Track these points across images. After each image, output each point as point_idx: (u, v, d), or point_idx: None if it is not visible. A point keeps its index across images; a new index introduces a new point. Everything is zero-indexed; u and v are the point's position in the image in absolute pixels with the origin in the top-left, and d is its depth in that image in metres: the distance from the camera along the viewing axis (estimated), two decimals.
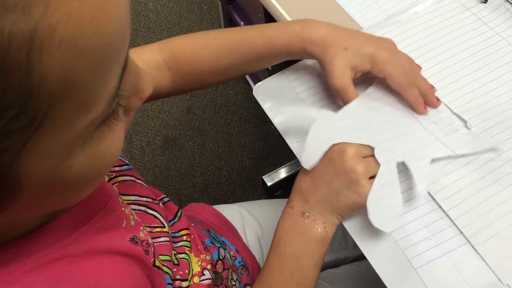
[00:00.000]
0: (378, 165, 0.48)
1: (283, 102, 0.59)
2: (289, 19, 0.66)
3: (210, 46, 0.55)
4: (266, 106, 0.59)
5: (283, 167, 1.31)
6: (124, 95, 0.29)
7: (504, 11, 0.61)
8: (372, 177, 0.48)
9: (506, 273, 0.45)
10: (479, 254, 0.46)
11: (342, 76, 0.51)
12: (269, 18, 0.99)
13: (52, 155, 0.25)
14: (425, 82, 0.53)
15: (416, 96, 0.52)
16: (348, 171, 0.46)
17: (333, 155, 0.47)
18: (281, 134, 0.57)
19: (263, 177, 1.30)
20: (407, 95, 0.52)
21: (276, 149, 1.41)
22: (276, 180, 1.30)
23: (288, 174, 1.31)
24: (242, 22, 1.20)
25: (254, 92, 0.60)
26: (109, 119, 0.28)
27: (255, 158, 1.40)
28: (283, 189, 1.31)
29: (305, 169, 0.50)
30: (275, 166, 1.32)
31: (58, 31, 0.21)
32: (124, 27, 0.25)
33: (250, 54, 0.55)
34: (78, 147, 0.26)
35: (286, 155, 1.38)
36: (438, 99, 0.54)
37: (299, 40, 0.52)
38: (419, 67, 0.55)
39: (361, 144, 0.48)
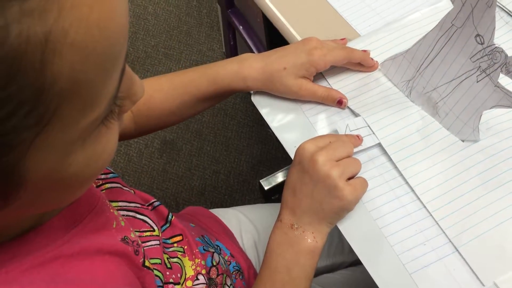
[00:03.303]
0: (354, 164, 0.50)
1: (281, 108, 0.60)
2: (287, 24, 0.67)
3: (163, 89, 0.59)
4: (264, 111, 0.60)
5: (281, 171, 1.32)
6: (119, 97, 0.30)
7: (499, 19, 0.62)
8: (350, 178, 0.49)
9: (487, 273, 0.46)
10: (460, 254, 0.47)
11: (301, 86, 0.56)
12: (268, 23, 0.99)
13: (55, 153, 0.26)
14: (357, 49, 0.58)
15: (362, 53, 0.58)
16: (324, 178, 0.47)
17: (306, 165, 0.48)
18: (279, 139, 0.58)
19: (260, 181, 1.30)
20: (355, 58, 0.58)
21: (273, 153, 1.41)
22: (274, 184, 1.30)
23: (285, 178, 1.31)
24: (241, 27, 1.21)
25: (252, 98, 0.61)
26: (107, 119, 0.29)
27: (253, 162, 1.40)
28: (280, 193, 1.31)
29: (287, 183, 0.51)
30: (273, 170, 1.33)
31: (70, 34, 0.22)
32: (125, 31, 0.27)
33: (198, 94, 0.59)
34: (78, 146, 0.27)
35: (284, 159, 1.39)
36: (373, 60, 0.60)
37: (240, 79, 0.57)
38: (344, 40, 0.61)
39: (330, 147, 0.49)
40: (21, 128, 0.23)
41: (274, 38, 1.05)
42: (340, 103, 0.57)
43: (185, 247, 0.57)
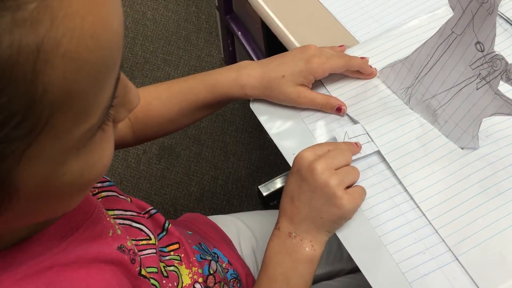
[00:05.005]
0: (353, 173, 0.49)
1: (280, 115, 0.59)
2: (286, 31, 0.67)
3: (161, 97, 0.59)
4: (263, 118, 0.60)
5: (279, 177, 1.31)
6: (113, 105, 0.30)
7: (497, 26, 0.61)
8: (349, 187, 0.49)
9: (487, 282, 0.46)
10: (459, 262, 0.47)
11: (299, 94, 0.56)
12: (266, 29, 0.99)
13: (48, 162, 0.26)
14: (355, 57, 0.58)
15: (360, 61, 0.58)
16: (322, 186, 0.47)
17: (304, 174, 0.48)
18: (277, 146, 0.58)
19: (258, 187, 1.29)
20: (353, 66, 0.57)
21: (272, 159, 1.41)
22: (272, 190, 1.29)
23: (284, 184, 1.31)
24: (239, 33, 1.21)
25: (251, 105, 0.61)
26: (102, 128, 0.29)
27: (251, 168, 1.40)
28: (279, 199, 1.31)
29: (286, 191, 0.51)
30: (271, 176, 1.32)
31: (62, 45, 0.22)
32: (119, 40, 0.26)
33: (197, 102, 0.58)
34: (72, 155, 0.27)
35: (282, 165, 1.38)
36: (372, 67, 0.60)
37: (238, 87, 0.56)
38: (342, 47, 0.60)
39: (329, 156, 0.49)
40: (12, 139, 0.22)
41: (272, 44, 1.05)
42: (339, 110, 0.57)
43: (182, 255, 0.56)
